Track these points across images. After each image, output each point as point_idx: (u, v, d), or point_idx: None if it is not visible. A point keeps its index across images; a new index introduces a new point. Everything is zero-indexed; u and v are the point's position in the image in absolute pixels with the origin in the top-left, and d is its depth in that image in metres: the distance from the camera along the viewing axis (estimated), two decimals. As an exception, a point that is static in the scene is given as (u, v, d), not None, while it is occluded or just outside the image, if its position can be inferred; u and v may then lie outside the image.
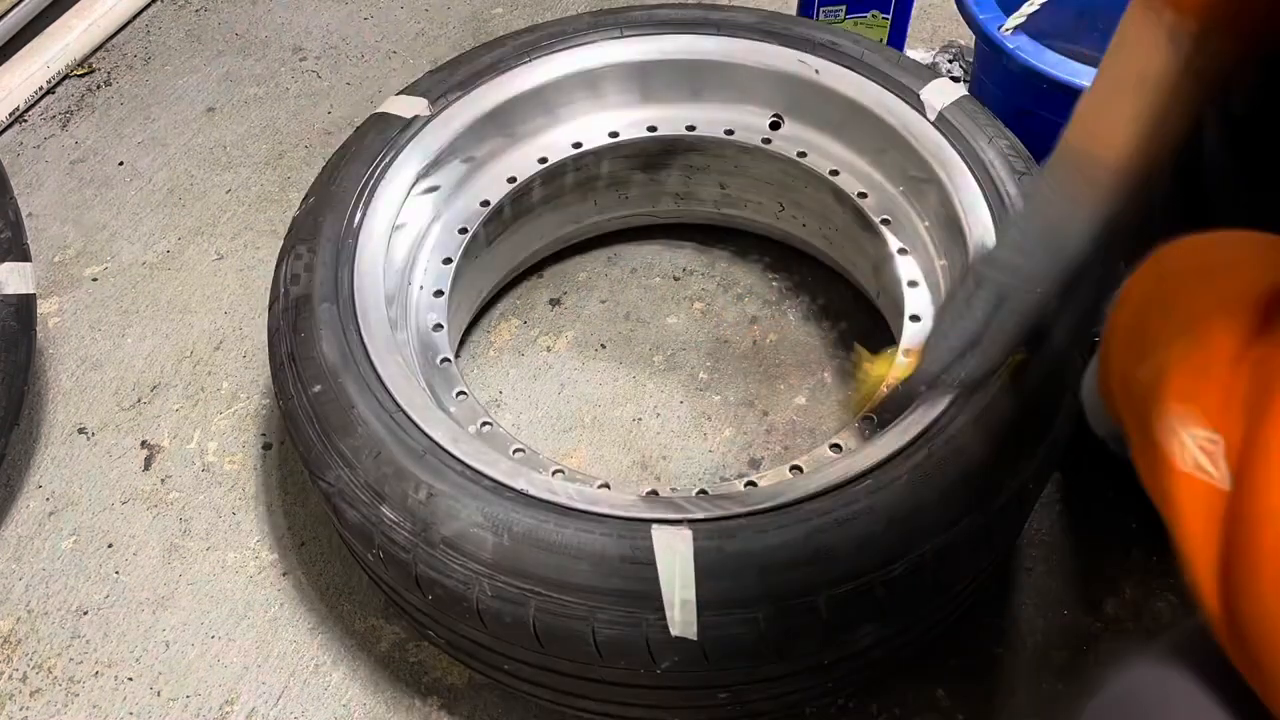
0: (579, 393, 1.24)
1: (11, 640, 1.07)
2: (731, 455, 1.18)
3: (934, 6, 1.70)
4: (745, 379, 1.25)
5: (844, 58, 1.16)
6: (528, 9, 1.78)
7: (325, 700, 1.02)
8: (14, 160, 1.55)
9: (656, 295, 1.34)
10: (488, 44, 1.21)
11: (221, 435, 1.23)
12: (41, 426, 1.24)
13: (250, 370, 1.29)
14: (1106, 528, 1.11)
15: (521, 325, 1.31)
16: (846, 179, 1.18)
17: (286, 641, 1.07)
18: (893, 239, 1.13)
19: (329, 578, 1.11)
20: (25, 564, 1.13)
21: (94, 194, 1.51)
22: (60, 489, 1.19)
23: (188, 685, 1.04)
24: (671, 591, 0.77)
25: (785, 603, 0.77)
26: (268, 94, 1.65)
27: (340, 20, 1.77)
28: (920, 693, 1.01)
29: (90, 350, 1.32)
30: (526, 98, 1.18)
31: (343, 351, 0.92)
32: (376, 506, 0.83)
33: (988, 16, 1.21)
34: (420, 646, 1.06)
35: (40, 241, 1.43)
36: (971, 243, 1.00)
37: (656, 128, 1.24)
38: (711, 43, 1.20)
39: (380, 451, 0.85)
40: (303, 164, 1.53)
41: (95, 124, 1.61)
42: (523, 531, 0.80)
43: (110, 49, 1.73)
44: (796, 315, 1.31)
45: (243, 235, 1.44)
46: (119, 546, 1.14)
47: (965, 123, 1.08)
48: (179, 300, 1.37)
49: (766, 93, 1.22)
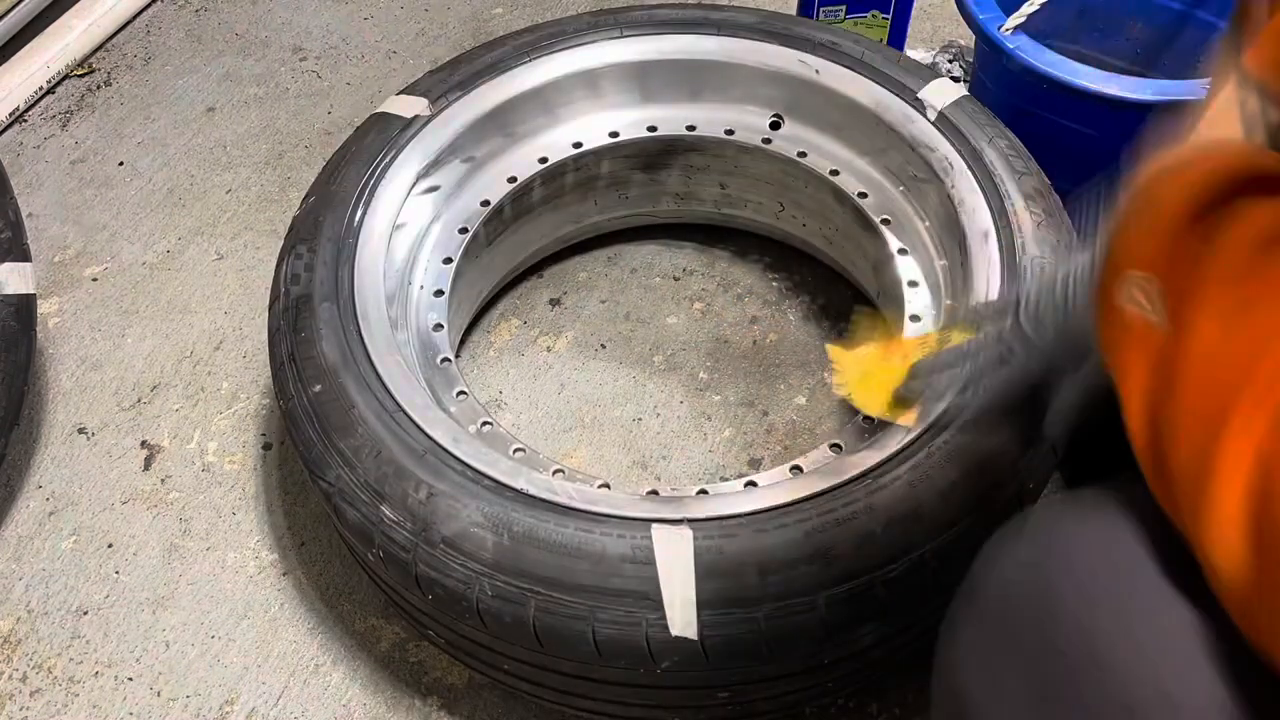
0: (579, 393, 1.24)
1: (11, 640, 1.07)
2: (731, 455, 1.18)
3: (934, 6, 1.70)
4: (745, 379, 1.25)
5: (844, 58, 1.16)
6: (528, 9, 1.78)
7: (325, 700, 1.02)
8: (14, 160, 1.55)
9: (656, 295, 1.34)
10: (488, 44, 1.21)
11: (221, 435, 1.23)
12: (41, 426, 1.24)
13: (250, 370, 1.29)
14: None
15: (521, 325, 1.31)
16: (846, 179, 1.18)
17: (286, 641, 1.07)
18: (893, 239, 1.13)
19: (329, 578, 1.11)
20: (25, 564, 1.13)
21: (94, 194, 1.51)
22: (60, 489, 1.19)
23: (188, 685, 1.04)
24: (671, 591, 0.77)
25: (785, 603, 0.77)
26: (268, 94, 1.65)
27: (340, 20, 1.77)
28: (920, 693, 1.01)
29: (90, 350, 1.32)
30: (527, 97, 1.18)
31: (343, 351, 0.92)
32: (376, 506, 0.83)
33: (988, 16, 1.21)
34: (420, 646, 1.06)
35: (40, 241, 1.43)
36: (971, 242, 1.00)
37: (656, 128, 1.24)
38: (712, 43, 1.20)
39: (380, 451, 0.85)
40: (303, 164, 1.53)
41: (95, 124, 1.61)
42: (523, 531, 0.80)
43: (110, 49, 1.73)
44: (796, 315, 1.31)
45: (243, 235, 1.45)
46: (119, 546, 1.14)
47: (965, 123, 1.08)
48: (179, 300, 1.37)
49: (766, 93, 1.22)
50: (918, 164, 1.10)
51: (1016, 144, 1.07)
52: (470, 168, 1.18)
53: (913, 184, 1.13)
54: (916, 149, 1.09)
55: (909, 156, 1.11)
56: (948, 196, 1.05)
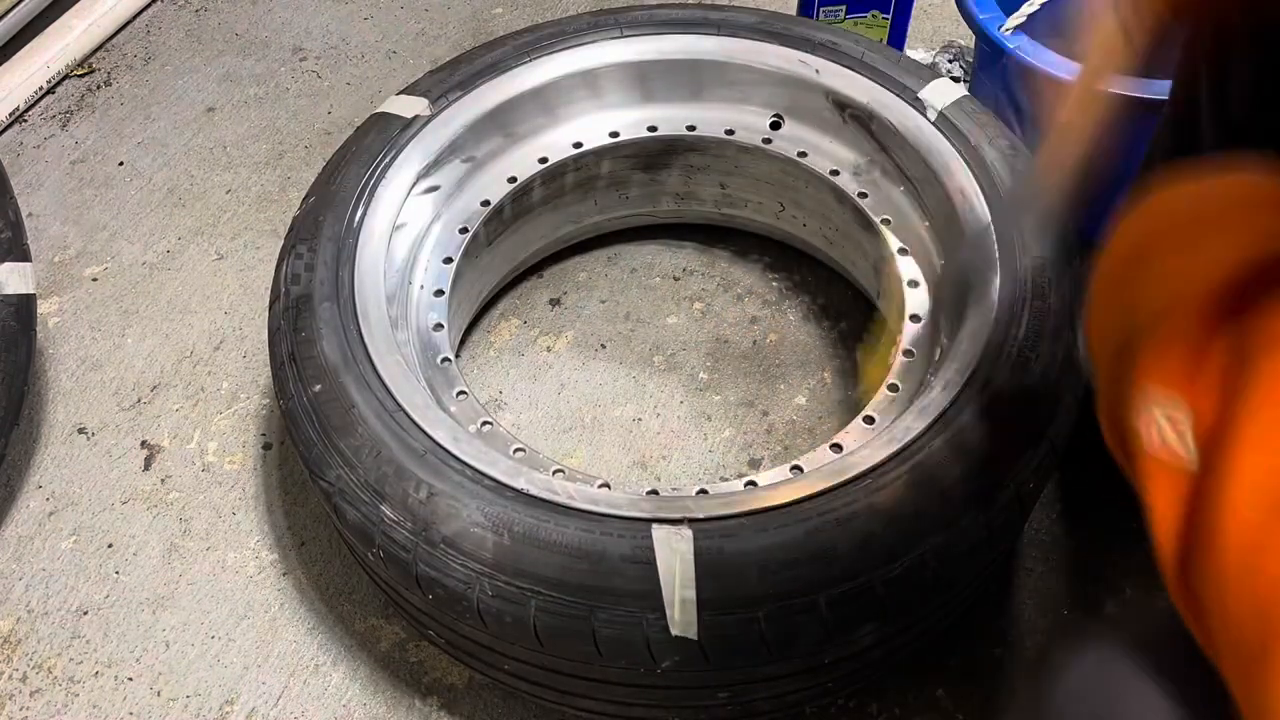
0: (579, 393, 1.24)
1: (11, 640, 1.07)
2: (731, 455, 1.18)
3: (934, 6, 1.70)
4: (745, 379, 1.25)
5: (844, 58, 1.16)
6: (528, 9, 1.78)
7: (325, 700, 1.02)
8: (14, 160, 1.55)
9: (656, 295, 1.34)
10: (488, 43, 1.21)
11: (221, 435, 1.23)
12: (41, 426, 1.24)
13: (250, 370, 1.29)
14: (1106, 528, 1.11)
15: (521, 325, 1.31)
16: (846, 179, 1.18)
17: (286, 641, 1.07)
18: (893, 239, 1.13)
19: (329, 578, 1.11)
20: (25, 564, 1.13)
21: (94, 194, 1.51)
22: (60, 489, 1.19)
23: (188, 685, 1.04)
24: (671, 591, 0.77)
25: (785, 603, 0.77)
26: (268, 94, 1.65)
27: (340, 20, 1.77)
28: (920, 693, 1.01)
29: (90, 350, 1.32)
30: (527, 98, 1.18)
31: (343, 351, 0.92)
32: (377, 506, 0.83)
33: (988, 16, 1.21)
34: (420, 646, 1.06)
35: (40, 241, 1.43)
36: (969, 237, 1.00)
37: (657, 128, 1.24)
38: (711, 42, 1.20)
39: (380, 451, 0.85)
40: (302, 164, 1.53)
41: (95, 124, 1.61)
42: (523, 531, 0.80)
43: (110, 49, 1.73)
44: (796, 315, 1.31)
45: (243, 235, 1.44)
46: (119, 546, 1.14)
47: (965, 122, 1.08)
48: (179, 300, 1.37)
49: (767, 93, 1.22)
50: (918, 164, 1.10)
51: (1017, 144, 1.06)
52: (470, 168, 1.18)
53: (913, 184, 1.13)
54: (917, 149, 1.09)
55: (909, 156, 1.11)
56: (947, 196, 1.05)
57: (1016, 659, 1.03)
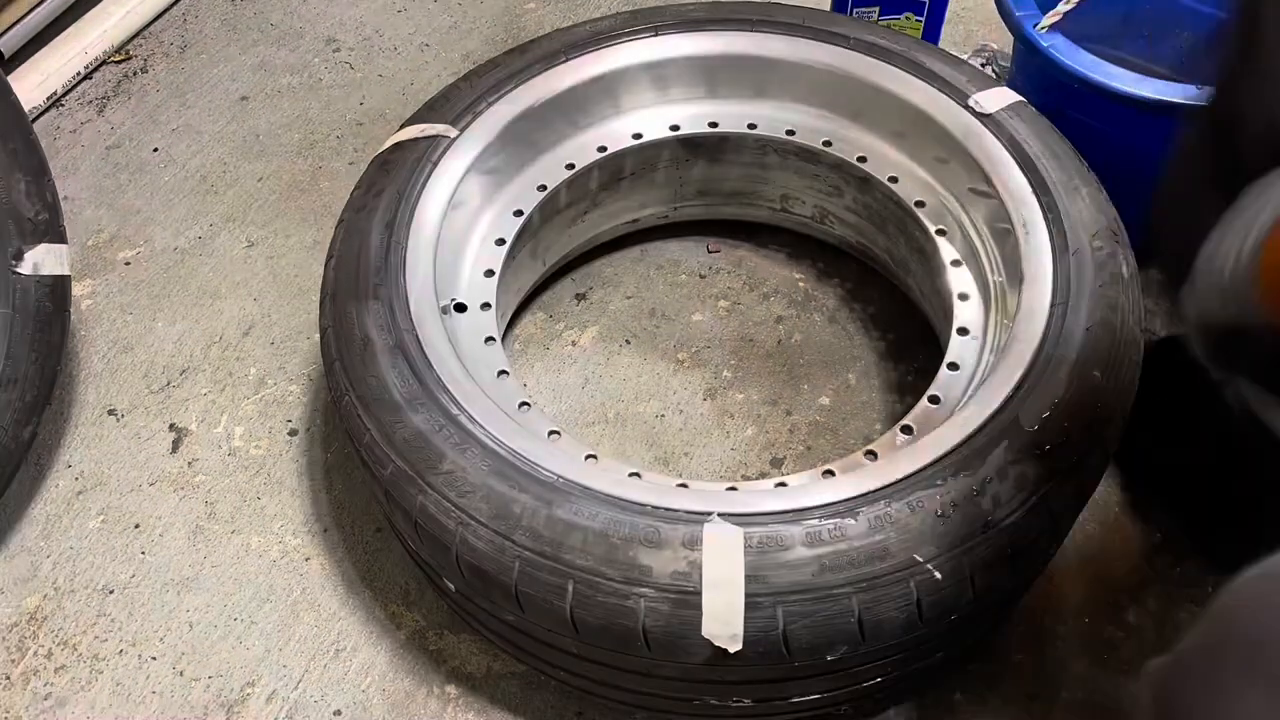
0: (603, 387, 1.25)
1: (38, 617, 1.09)
2: (754, 454, 1.18)
3: (966, 10, 1.69)
4: (769, 378, 1.25)
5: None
6: (560, 4, 1.78)
7: (344, 685, 1.03)
8: (51, 144, 1.57)
9: (683, 292, 1.34)
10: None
11: (248, 420, 1.24)
12: (72, 407, 1.26)
13: (278, 357, 1.30)
14: (1131, 537, 1.10)
15: (547, 319, 1.32)
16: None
17: (308, 626, 1.07)
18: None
19: (351, 564, 1.12)
20: (53, 542, 1.14)
21: (128, 179, 1.52)
22: (89, 469, 1.20)
23: (210, 666, 1.05)
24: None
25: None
26: (301, 84, 1.66)
27: (374, 12, 1.78)
28: (939, 697, 1.01)
29: (121, 333, 1.33)
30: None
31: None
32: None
33: (1025, 14, 1.20)
34: (440, 635, 1.06)
35: (75, 224, 1.45)
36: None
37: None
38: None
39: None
40: (334, 154, 1.55)
41: (131, 110, 1.63)
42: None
43: (147, 36, 1.75)
44: (822, 316, 1.31)
45: (273, 223, 1.46)
46: (145, 527, 1.15)
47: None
48: (209, 286, 1.38)
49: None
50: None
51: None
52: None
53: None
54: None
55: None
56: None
57: (1036, 665, 1.03)
